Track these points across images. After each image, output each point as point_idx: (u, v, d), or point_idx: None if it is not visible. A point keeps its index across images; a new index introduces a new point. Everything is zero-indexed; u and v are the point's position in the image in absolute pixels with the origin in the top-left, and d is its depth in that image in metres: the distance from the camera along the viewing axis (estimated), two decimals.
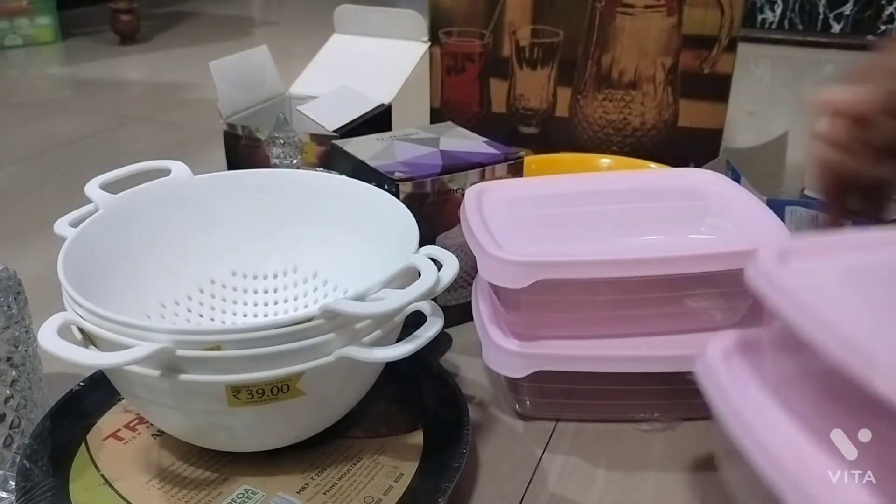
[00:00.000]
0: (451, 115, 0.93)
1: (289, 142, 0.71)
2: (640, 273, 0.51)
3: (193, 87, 1.44)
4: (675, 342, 0.54)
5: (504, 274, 0.50)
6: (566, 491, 0.50)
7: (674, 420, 0.55)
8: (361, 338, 0.43)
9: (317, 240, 0.58)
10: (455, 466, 0.46)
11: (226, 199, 0.58)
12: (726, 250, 0.51)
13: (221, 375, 0.41)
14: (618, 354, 0.53)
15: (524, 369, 0.52)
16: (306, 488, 0.46)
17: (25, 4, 1.77)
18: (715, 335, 0.53)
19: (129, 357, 0.39)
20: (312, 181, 0.59)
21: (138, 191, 0.56)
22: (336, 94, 0.91)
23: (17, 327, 0.48)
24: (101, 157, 1.10)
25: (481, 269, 0.52)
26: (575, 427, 0.55)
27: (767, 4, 1.83)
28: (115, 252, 0.52)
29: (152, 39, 1.86)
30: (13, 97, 1.44)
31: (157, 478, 0.47)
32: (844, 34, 1.77)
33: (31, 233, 0.84)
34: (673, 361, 0.53)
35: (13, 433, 0.48)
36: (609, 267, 0.51)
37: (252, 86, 0.92)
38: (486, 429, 0.55)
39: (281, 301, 0.58)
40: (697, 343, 0.54)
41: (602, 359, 0.53)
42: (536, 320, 0.54)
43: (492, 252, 0.51)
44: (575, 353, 0.53)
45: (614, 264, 0.51)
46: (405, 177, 0.59)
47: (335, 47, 1.00)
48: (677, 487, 0.50)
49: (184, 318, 0.55)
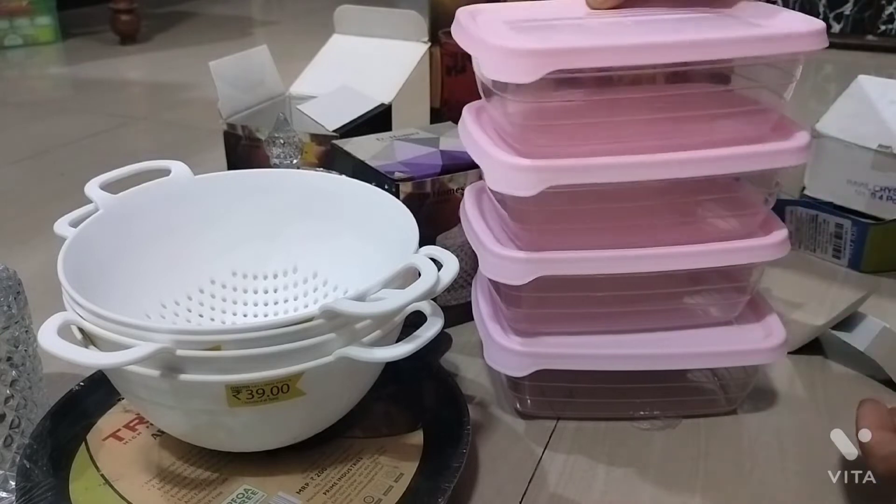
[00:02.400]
0: (451, 115, 0.93)
1: (289, 142, 0.71)
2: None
3: (193, 87, 1.44)
4: (674, 339, 0.54)
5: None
6: (566, 490, 0.50)
7: (674, 418, 0.55)
8: (361, 338, 0.43)
9: (317, 240, 0.58)
10: (455, 466, 0.46)
11: (226, 199, 0.58)
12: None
13: (221, 375, 0.41)
14: (619, 353, 0.53)
15: (526, 368, 0.52)
16: (306, 488, 0.46)
17: (25, 4, 1.77)
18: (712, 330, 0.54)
19: (129, 357, 0.39)
20: (312, 181, 0.59)
21: (138, 191, 0.55)
22: (336, 94, 0.91)
23: (17, 327, 0.48)
24: (101, 157, 1.10)
25: (482, 265, 0.52)
26: (575, 426, 0.55)
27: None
28: (115, 252, 0.52)
29: (152, 39, 1.86)
30: (13, 97, 1.44)
31: (157, 478, 0.47)
32: (844, 34, 1.77)
33: (31, 233, 0.84)
34: (673, 359, 0.53)
35: (13, 433, 0.48)
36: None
37: (252, 86, 0.92)
38: (486, 428, 0.55)
39: (281, 301, 0.58)
40: (696, 340, 0.55)
41: (604, 357, 0.53)
42: (537, 316, 0.54)
43: (492, 248, 0.50)
44: (577, 351, 0.53)
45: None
46: (405, 177, 0.59)
47: (335, 47, 1.00)
48: (677, 486, 0.50)
49: (184, 318, 0.55)
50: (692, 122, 0.50)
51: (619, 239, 0.51)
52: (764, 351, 0.53)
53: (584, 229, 0.51)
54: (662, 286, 0.54)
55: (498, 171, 0.48)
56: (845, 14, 1.77)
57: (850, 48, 1.71)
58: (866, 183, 0.79)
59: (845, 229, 0.76)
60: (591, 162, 0.47)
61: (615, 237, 0.51)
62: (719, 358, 0.54)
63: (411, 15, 0.94)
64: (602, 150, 0.47)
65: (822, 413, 0.57)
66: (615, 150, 0.47)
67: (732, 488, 0.50)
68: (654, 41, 0.47)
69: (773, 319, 0.55)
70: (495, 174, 0.48)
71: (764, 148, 0.49)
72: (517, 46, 0.45)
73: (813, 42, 0.47)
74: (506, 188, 0.48)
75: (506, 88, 0.48)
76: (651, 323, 0.54)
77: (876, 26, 1.75)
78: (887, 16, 1.74)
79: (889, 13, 1.74)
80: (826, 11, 1.79)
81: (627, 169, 0.47)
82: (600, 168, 0.47)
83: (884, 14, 1.74)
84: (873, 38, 1.75)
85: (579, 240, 0.50)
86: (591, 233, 0.51)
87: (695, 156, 0.48)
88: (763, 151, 0.49)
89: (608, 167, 0.47)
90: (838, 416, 0.56)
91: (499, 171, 0.48)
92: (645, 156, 0.47)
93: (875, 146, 0.77)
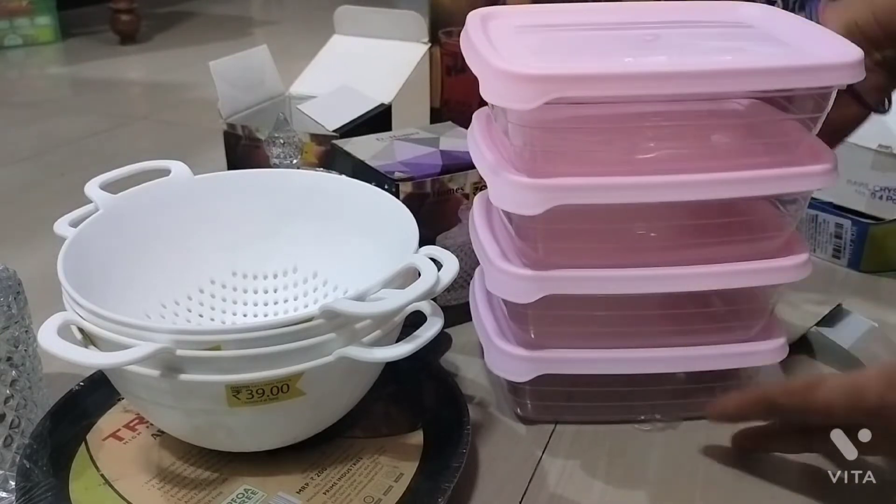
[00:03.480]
0: (451, 115, 0.93)
1: (289, 142, 0.71)
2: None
3: (193, 87, 1.44)
4: None
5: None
6: (566, 491, 0.49)
7: (674, 419, 0.55)
8: (361, 338, 0.43)
9: (317, 240, 0.58)
10: (455, 466, 0.46)
11: (226, 199, 0.58)
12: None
13: (221, 375, 0.41)
14: (621, 356, 0.52)
15: (528, 373, 0.52)
16: (306, 488, 0.46)
17: (25, 4, 1.77)
18: None
19: (129, 357, 0.39)
20: (312, 181, 0.59)
21: (138, 191, 0.55)
22: (336, 94, 0.91)
23: (17, 327, 0.48)
24: (101, 157, 1.10)
25: (487, 281, 0.51)
26: (575, 427, 0.55)
27: (767, 4, 1.83)
28: (115, 252, 0.52)
29: (152, 39, 1.86)
30: (13, 97, 1.44)
31: (157, 478, 0.47)
32: None
33: (31, 233, 0.84)
34: (673, 361, 0.53)
35: (13, 433, 0.48)
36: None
37: (252, 86, 0.92)
38: (486, 429, 0.55)
39: (281, 301, 0.58)
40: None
41: (606, 360, 0.52)
42: (544, 334, 0.52)
43: (498, 265, 0.49)
44: (579, 355, 0.52)
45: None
46: (405, 177, 0.59)
47: (335, 48, 1.00)
48: (677, 487, 0.50)
49: (184, 318, 0.55)
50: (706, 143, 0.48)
51: (629, 258, 0.49)
52: (764, 352, 0.53)
53: (592, 248, 0.50)
54: (675, 307, 0.53)
55: (503, 189, 0.46)
56: None
57: None
58: (866, 183, 0.79)
59: (845, 229, 0.76)
60: (598, 182, 0.45)
61: (625, 256, 0.49)
62: (719, 360, 0.53)
63: (411, 15, 0.94)
64: (611, 169, 0.46)
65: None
66: (624, 170, 0.46)
67: (732, 488, 0.50)
68: (666, 70, 0.43)
69: (772, 320, 0.54)
70: (500, 191, 0.46)
71: (779, 172, 0.46)
72: (518, 72, 0.42)
73: (847, 75, 0.43)
74: (511, 206, 0.46)
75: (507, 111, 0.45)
76: (661, 342, 0.53)
77: None
78: None
79: None
80: None
81: (635, 190, 0.45)
82: (607, 188, 0.45)
83: None
84: None
85: (588, 259, 0.49)
86: (600, 252, 0.50)
87: (703, 178, 0.45)
88: (776, 176, 0.46)
89: (615, 187, 0.45)
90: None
91: (504, 189, 0.46)
92: (653, 177, 0.45)
93: (875, 146, 0.77)
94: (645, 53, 0.48)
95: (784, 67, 0.44)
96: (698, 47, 0.50)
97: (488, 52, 0.45)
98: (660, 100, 0.47)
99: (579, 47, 0.51)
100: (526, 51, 0.48)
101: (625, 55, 0.48)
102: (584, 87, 0.43)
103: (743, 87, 0.45)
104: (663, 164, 0.47)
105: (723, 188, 0.46)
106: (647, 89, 0.43)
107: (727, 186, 0.46)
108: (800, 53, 0.47)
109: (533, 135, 0.46)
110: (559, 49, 0.51)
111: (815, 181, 0.47)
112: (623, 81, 0.43)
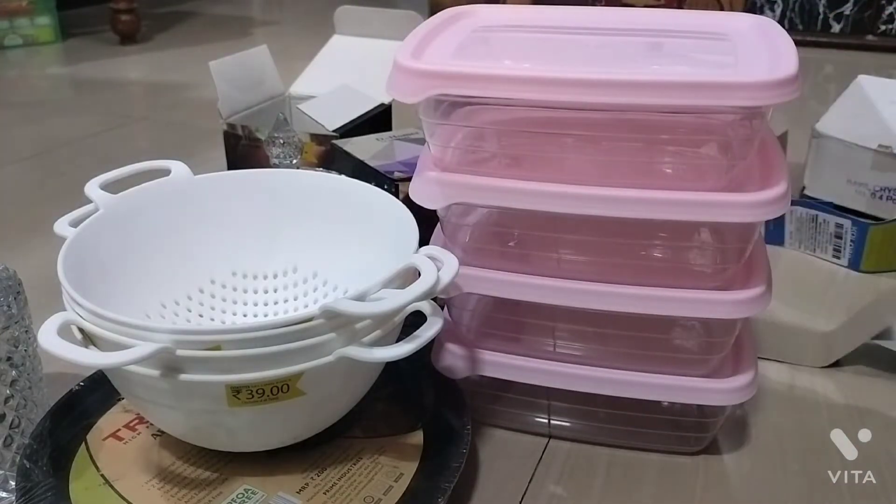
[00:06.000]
0: None
1: (289, 142, 0.71)
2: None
3: (193, 87, 1.44)
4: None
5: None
6: (566, 490, 0.50)
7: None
8: (361, 338, 0.43)
9: (317, 240, 0.58)
10: (455, 466, 0.46)
11: (226, 199, 0.58)
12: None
13: (221, 375, 0.41)
14: (568, 371, 0.50)
15: (464, 372, 0.52)
16: (306, 488, 0.46)
17: (25, 4, 1.77)
18: None
19: (129, 357, 0.39)
20: (312, 181, 0.59)
21: (138, 191, 0.56)
22: (336, 94, 0.91)
23: (17, 327, 0.48)
24: (101, 157, 1.10)
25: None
26: None
27: (767, 4, 1.83)
28: (115, 252, 0.52)
29: (152, 39, 1.86)
30: (13, 97, 1.44)
31: (157, 478, 0.47)
32: (844, 34, 1.77)
33: (31, 233, 0.84)
34: (614, 385, 0.49)
35: (13, 433, 0.48)
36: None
37: (252, 86, 0.92)
38: (486, 429, 0.55)
39: (281, 301, 0.58)
40: None
41: (536, 371, 0.50)
42: (485, 337, 0.51)
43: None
44: (511, 361, 0.51)
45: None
46: (405, 177, 0.60)
47: (335, 48, 1.00)
48: (678, 487, 0.50)
49: (184, 318, 0.55)
50: (622, 154, 0.46)
51: (551, 269, 0.48)
52: (720, 391, 0.47)
53: (507, 253, 0.49)
54: (630, 328, 0.49)
55: (415, 181, 0.48)
56: (845, 14, 1.77)
57: (850, 48, 1.71)
58: (866, 183, 0.79)
59: (845, 229, 0.76)
60: (498, 184, 0.44)
61: (546, 265, 0.49)
62: (662, 391, 0.49)
63: (411, 15, 0.94)
64: (520, 174, 0.44)
65: (822, 413, 0.57)
66: (538, 177, 0.44)
67: (732, 488, 0.50)
68: (560, 77, 0.41)
69: (741, 354, 0.49)
70: (414, 183, 0.48)
71: (686, 197, 0.42)
72: (406, 66, 0.44)
73: (771, 95, 0.39)
74: (417, 197, 0.48)
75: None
76: (610, 362, 0.49)
77: (876, 26, 1.75)
78: (887, 16, 1.74)
79: (889, 13, 1.74)
80: (826, 11, 1.79)
81: (539, 197, 0.44)
82: (508, 192, 0.44)
83: (884, 14, 1.74)
84: (873, 38, 1.74)
85: (508, 265, 0.48)
86: (520, 258, 0.49)
87: (611, 194, 0.42)
88: (683, 200, 0.42)
89: (517, 192, 0.44)
90: (838, 416, 0.56)
91: (415, 181, 0.48)
92: (556, 185, 0.43)
93: (875, 146, 0.77)
94: (586, 61, 0.47)
95: (678, 83, 0.40)
96: (640, 57, 0.48)
97: (404, 47, 0.46)
98: (569, 108, 0.44)
99: (520, 50, 0.50)
100: (453, 49, 0.47)
101: (564, 61, 0.47)
102: (464, 86, 0.43)
103: (621, 99, 0.41)
104: (580, 174, 0.45)
105: (627, 207, 0.43)
106: (528, 94, 0.42)
107: (628, 205, 0.43)
108: (728, 70, 0.43)
109: (433, 130, 0.48)
110: (495, 51, 0.50)
111: (739, 213, 0.42)
112: (501, 84, 0.42)
